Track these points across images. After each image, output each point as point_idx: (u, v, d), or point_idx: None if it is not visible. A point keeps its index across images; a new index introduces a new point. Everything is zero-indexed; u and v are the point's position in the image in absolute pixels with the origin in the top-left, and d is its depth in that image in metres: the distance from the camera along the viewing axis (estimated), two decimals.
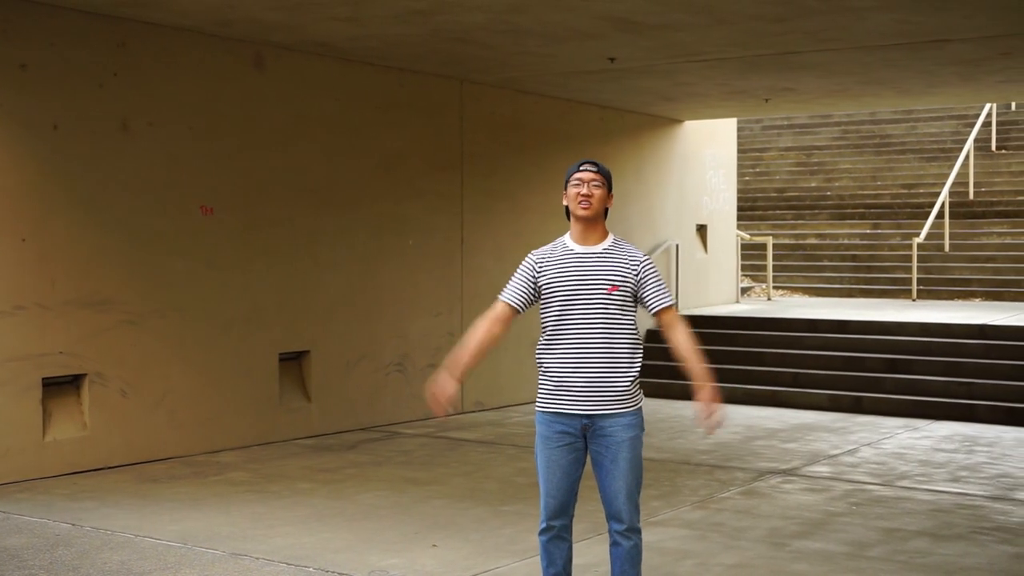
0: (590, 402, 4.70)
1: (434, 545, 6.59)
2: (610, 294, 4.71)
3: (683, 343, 4.83)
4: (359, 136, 10.78)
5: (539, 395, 4.82)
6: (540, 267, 4.84)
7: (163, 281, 9.16)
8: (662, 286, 4.82)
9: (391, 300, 11.11)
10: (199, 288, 9.41)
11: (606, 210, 4.88)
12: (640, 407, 4.80)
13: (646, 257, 4.86)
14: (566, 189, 4.84)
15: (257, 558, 6.28)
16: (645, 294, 4.78)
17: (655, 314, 4.80)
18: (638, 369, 4.76)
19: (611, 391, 4.70)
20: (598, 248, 4.80)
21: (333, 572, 6.04)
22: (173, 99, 9.20)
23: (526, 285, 4.86)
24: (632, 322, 4.77)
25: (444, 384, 4.87)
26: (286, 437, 10.08)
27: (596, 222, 4.82)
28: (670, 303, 4.81)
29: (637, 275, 4.77)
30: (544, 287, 4.81)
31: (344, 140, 10.64)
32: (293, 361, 10.32)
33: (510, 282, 4.91)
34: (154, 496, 7.83)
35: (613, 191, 4.91)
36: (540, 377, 4.82)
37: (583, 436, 4.74)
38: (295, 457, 9.34)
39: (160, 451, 9.10)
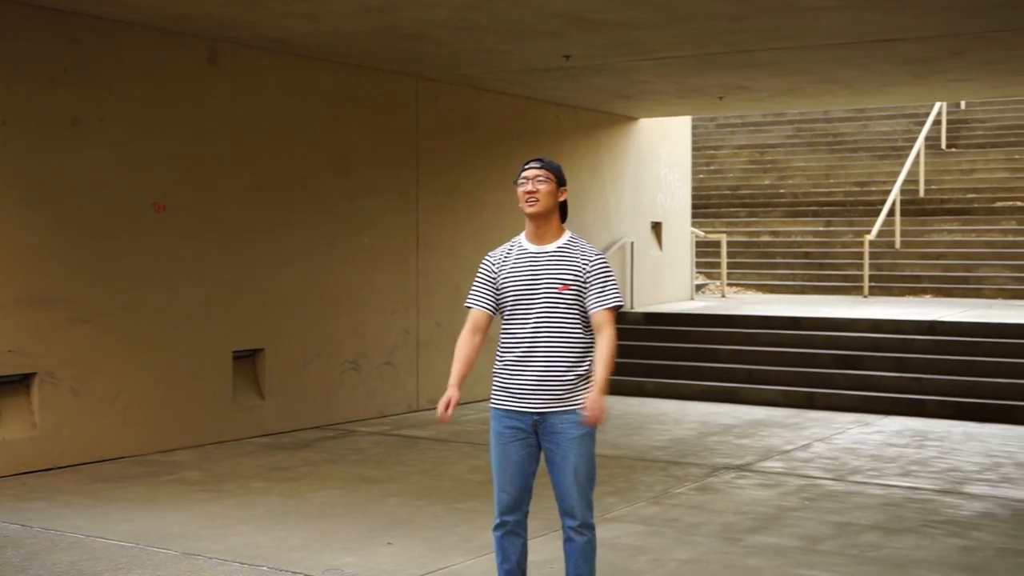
0: (539, 400, 4.72)
1: (389, 543, 6.58)
2: (561, 293, 4.72)
3: (603, 347, 4.71)
4: (314, 133, 10.73)
5: (492, 391, 4.86)
6: (496, 267, 4.86)
7: (115, 279, 9.07)
8: (607, 287, 4.75)
9: (346, 298, 11.07)
10: (152, 286, 9.33)
11: (563, 206, 4.87)
12: None
13: (599, 256, 4.84)
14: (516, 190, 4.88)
15: (210, 558, 6.23)
16: (588, 292, 4.75)
17: (593, 312, 4.73)
18: (587, 367, 4.76)
19: (560, 389, 4.71)
20: (551, 247, 4.80)
21: (288, 571, 6.01)
22: (125, 95, 9.11)
23: (488, 286, 4.88)
24: (582, 321, 4.76)
25: (449, 395, 4.84)
26: (240, 436, 10.02)
27: (547, 219, 4.82)
28: (609, 306, 4.73)
29: (587, 273, 4.75)
30: (499, 287, 4.83)
31: (299, 137, 10.59)
32: (247, 359, 10.25)
33: (472, 287, 4.93)
34: (105, 496, 7.75)
35: (567, 185, 4.88)
36: (494, 374, 4.86)
37: (535, 432, 4.76)
38: (249, 456, 9.28)
39: (112, 450, 9.01)
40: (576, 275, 4.75)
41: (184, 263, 9.58)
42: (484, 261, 4.93)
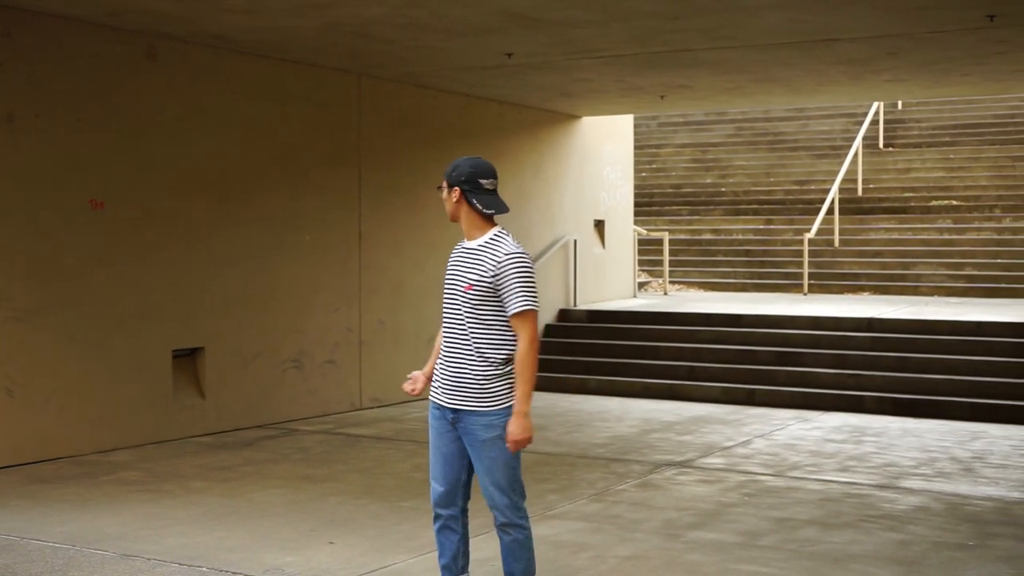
0: (452, 397, 4.76)
1: (331, 542, 6.55)
2: (465, 292, 4.69)
3: (520, 356, 4.62)
4: (255, 130, 10.65)
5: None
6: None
7: (52, 277, 8.93)
8: (519, 289, 4.59)
9: (288, 296, 10.99)
10: (89, 284, 9.20)
11: (471, 204, 4.73)
12: (508, 407, 4.67)
13: (511, 255, 4.64)
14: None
15: (148, 559, 6.17)
16: (502, 295, 4.63)
17: (509, 317, 4.64)
18: (495, 370, 4.66)
19: (467, 389, 4.70)
20: (473, 244, 4.78)
21: (227, 571, 5.96)
22: (61, 91, 8.98)
23: None
24: (493, 321, 4.66)
25: (418, 377, 4.95)
26: (181, 435, 9.91)
27: (461, 221, 4.80)
28: (522, 309, 4.58)
29: (494, 275, 4.62)
30: None
31: (239, 134, 10.50)
32: (187, 358, 10.15)
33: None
34: (42, 497, 7.64)
35: (461, 183, 4.72)
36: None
37: (456, 428, 4.80)
38: (190, 455, 9.19)
39: (49, 451, 8.88)
40: (482, 276, 4.65)
41: (122, 261, 9.46)
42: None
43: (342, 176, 11.63)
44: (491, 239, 4.73)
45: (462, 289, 4.70)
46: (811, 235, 17.14)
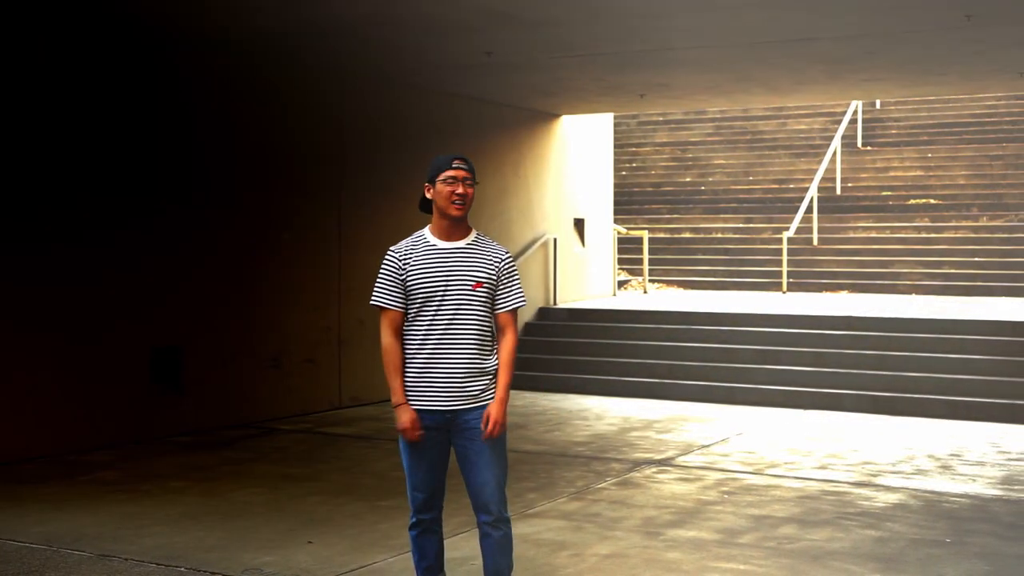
0: (456, 398, 4.69)
1: (310, 542, 6.53)
2: (474, 291, 4.71)
3: (504, 352, 4.76)
4: (235, 127, 10.60)
5: (405, 389, 4.73)
6: (404, 263, 4.73)
7: (32, 274, 8.87)
8: (516, 287, 4.82)
9: (267, 294, 10.96)
10: (69, 283, 9.15)
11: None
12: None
13: (509, 256, 4.88)
14: (433, 184, 4.76)
15: (126, 559, 6.14)
16: (499, 291, 4.77)
17: (498, 312, 4.77)
18: (495, 364, 4.78)
19: (476, 385, 4.71)
20: (462, 244, 4.77)
21: (206, 571, 5.94)
22: (35, 87, 8.92)
23: (397, 284, 4.73)
24: (490, 317, 4.78)
25: (408, 416, 4.68)
26: (160, 435, 9.87)
27: (465, 219, 4.81)
28: (517, 306, 4.81)
29: (498, 272, 4.77)
30: (408, 283, 4.71)
31: (222, 133, 10.45)
32: (167, 357, 10.10)
33: (381, 285, 4.76)
34: (19, 497, 7.59)
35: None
36: (405, 372, 4.74)
37: (447, 430, 4.75)
38: (168, 455, 9.15)
39: (27, 451, 8.82)
40: (489, 274, 4.75)
41: (103, 260, 9.41)
42: (389, 257, 4.76)
43: (322, 175, 11.59)
44: (480, 239, 4.83)
45: (469, 288, 4.70)
46: (790, 234, 17.19)
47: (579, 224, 16.14)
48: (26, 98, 8.87)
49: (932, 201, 18.67)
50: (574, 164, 15.93)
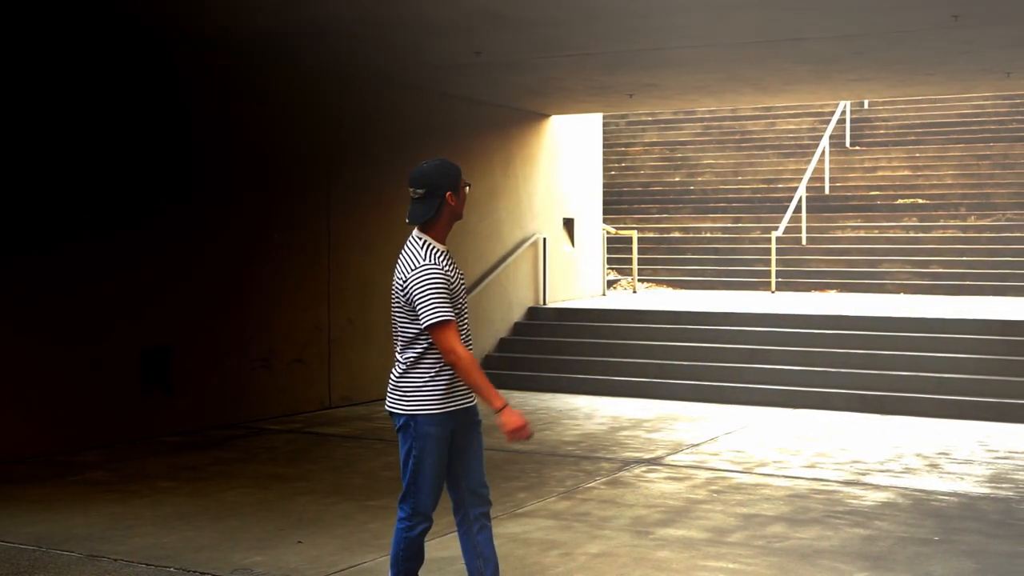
0: (472, 396, 4.80)
1: (299, 542, 6.53)
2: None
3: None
4: (228, 127, 10.60)
5: (433, 398, 4.66)
6: (447, 274, 4.66)
7: (30, 275, 8.86)
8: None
9: (257, 294, 10.95)
10: (60, 283, 9.13)
11: None
12: None
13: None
14: (457, 191, 4.77)
15: (115, 559, 6.13)
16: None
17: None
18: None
19: None
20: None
21: (195, 571, 5.94)
22: (31, 88, 8.91)
23: (449, 296, 4.65)
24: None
25: (518, 419, 4.63)
26: (150, 435, 9.86)
27: (449, 225, 4.87)
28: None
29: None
30: (452, 293, 4.68)
31: (212, 133, 10.44)
32: (157, 357, 10.08)
33: (441, 299, 4.59)
34: (8, 498, 7.58)
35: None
36: (431, 380, 4.67)
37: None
38: (158, 455, 9.14)
39: (16, 451, 8.80)
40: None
41: (93, 260, 9.39)
42: (435, 271, 4.61)
43: (312, 174, 11.59)
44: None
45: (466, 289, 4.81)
46: (779, 233, 17.23)
47: (568, 224, 16.16)
48: (26, 98, 8.86)
49: (920, 201, 18.73)
50: (563, 164, 15.94)
